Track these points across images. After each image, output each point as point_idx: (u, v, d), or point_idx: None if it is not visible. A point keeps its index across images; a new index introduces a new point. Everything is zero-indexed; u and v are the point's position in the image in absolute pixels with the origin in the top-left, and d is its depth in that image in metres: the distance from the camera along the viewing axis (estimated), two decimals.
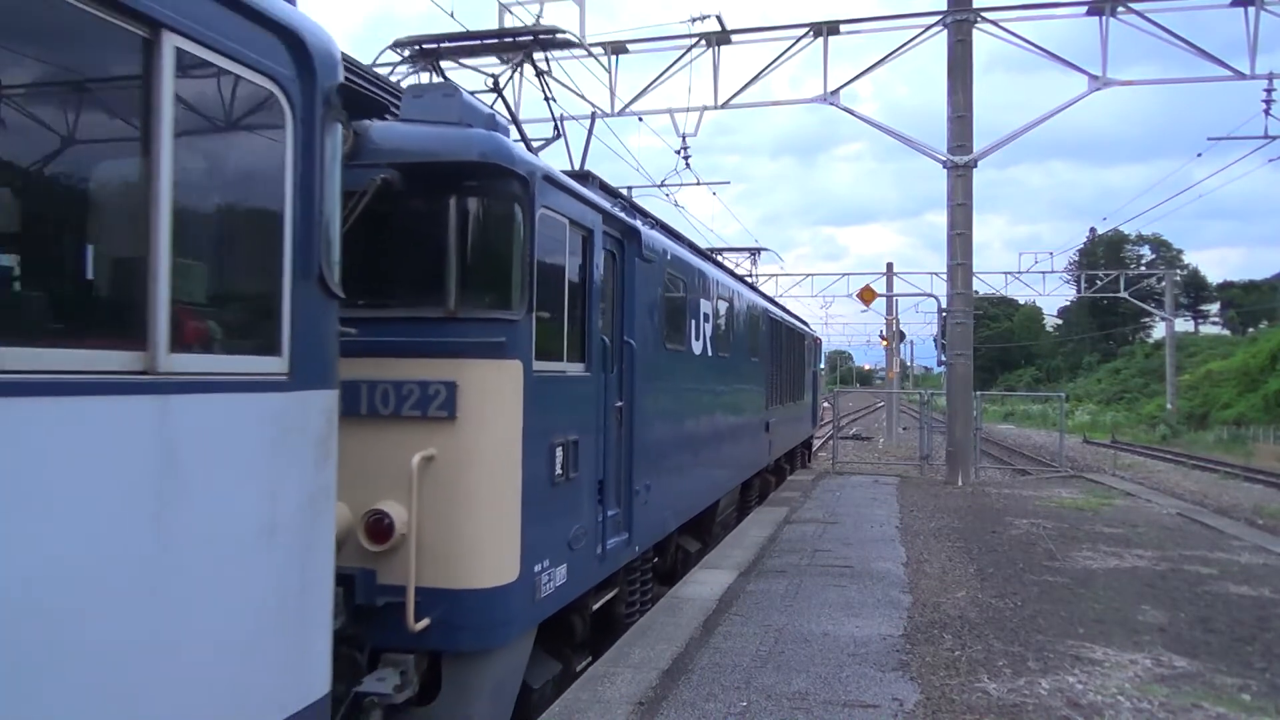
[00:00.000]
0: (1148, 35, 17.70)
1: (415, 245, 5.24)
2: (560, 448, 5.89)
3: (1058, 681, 6.03)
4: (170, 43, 2.72)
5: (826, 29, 18.72)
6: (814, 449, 26.61)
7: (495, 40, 7.41)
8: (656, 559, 8.92)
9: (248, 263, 3.35)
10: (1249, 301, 72.23)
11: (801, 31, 18.91)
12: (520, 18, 17.37)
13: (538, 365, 5.48)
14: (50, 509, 2.35)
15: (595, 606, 6.96)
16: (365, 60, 6.54)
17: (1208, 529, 12.92)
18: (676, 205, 22.71)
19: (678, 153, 20.73)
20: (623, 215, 7.35)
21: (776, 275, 44.40)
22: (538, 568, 5.51)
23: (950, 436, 18.78)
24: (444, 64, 7.52)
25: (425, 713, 5.05)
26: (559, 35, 7.32)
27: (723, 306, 11.45)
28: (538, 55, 7.47)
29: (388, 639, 4.72)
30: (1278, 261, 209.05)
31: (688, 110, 19.63)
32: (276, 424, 3.25)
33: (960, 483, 18.09)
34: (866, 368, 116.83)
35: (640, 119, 19.83)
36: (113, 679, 2.52)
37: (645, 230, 7.84)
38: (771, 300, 18.81)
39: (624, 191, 8.65)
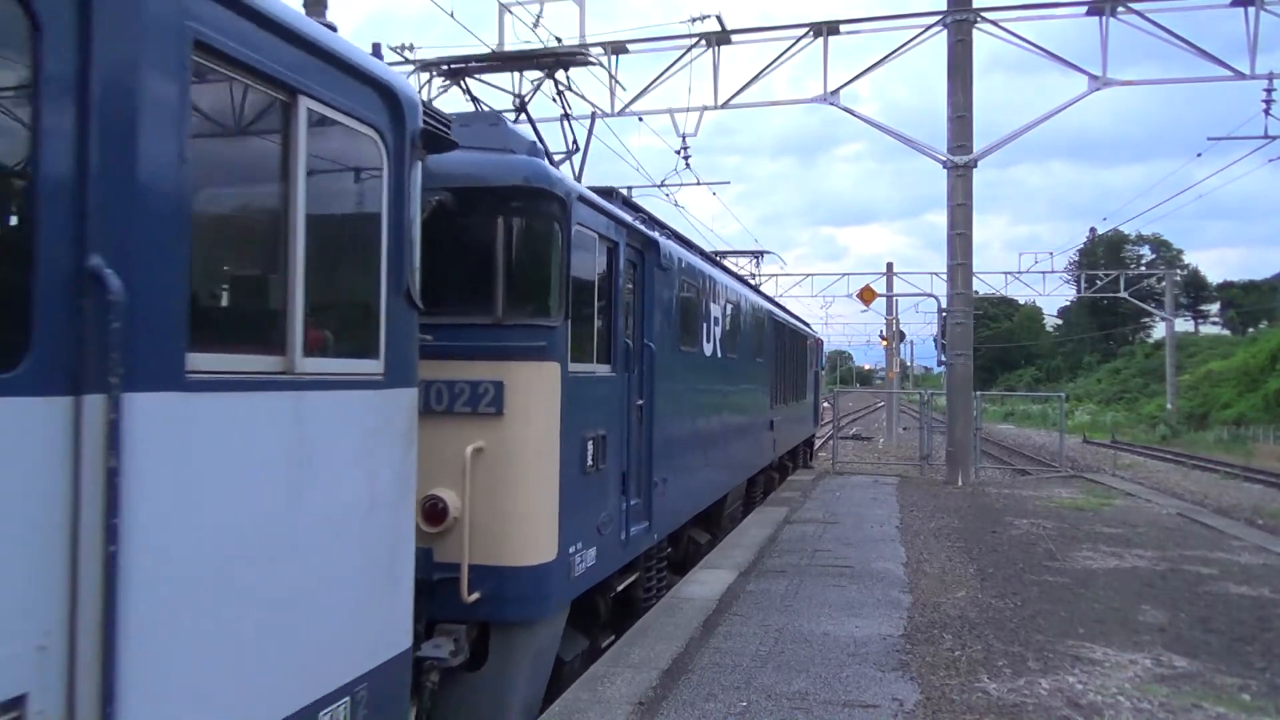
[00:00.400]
0: (1148, 35, 17.71)
1: (466, 259, 5.79)
2: (591, 441, 6.52)
3: (1058, 681, 6.03)
4: (304, 104, 3.38)
5: (826, 29, 18.72)
6: (814, 448, 26.86)
7: (519, 60, 8.09)
8: (670, 549, 9.40)
9: (355, 281, 3.96)
10: (1249, 301, 72.22)
11: (801, 31, 18.91)
12: (520, 17, 17.40)
13: (572, 366, 6.11)
14: (226, 480, 2.98)
15: (619, 588, 7.60)
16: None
17: (1208, 529, 12.92)
18: (676, 205, 22.72)
19: (678, 153, 20.74)
20: (642, 227, 7.94)
21: (777, 275, 44.41)
22: (572, 549, 6.14)
23: (950, 436, 18.78)
24: (466, 80, 8.04)
25: (475, 677, 5.62)
26: (579, 55, 7.97)
27: (730, 310, 11.98)
28: (559, 74, 8.01)
29: (442, 610, 5.16)
30: (1278, 261, 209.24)
31: (688, 110, 19.64)
32: (375, 416, 3.90)
33: (960, 483, 18.09)
34: (866, 368, 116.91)
35: (640, 119, 19.85)
36: (267, 614, 3.20)
37: (662, 241, 8.44)
38: (775, 302, 19.20)
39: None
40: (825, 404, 33.14)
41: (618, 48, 19.39)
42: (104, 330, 2.50)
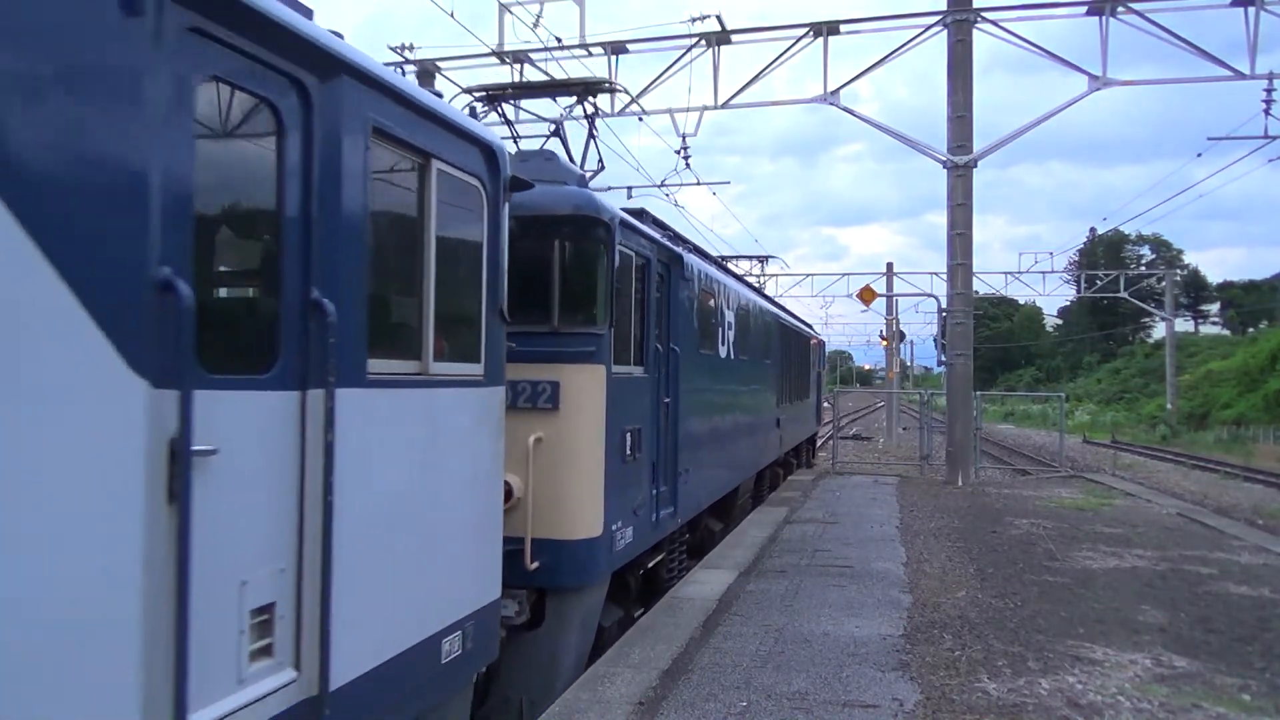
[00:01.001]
0: (1148, 35, 17.69)
1: (528, 277, 6.46)
2: (629, 434, 7.48)
3: (1058, 681, 6.03)
4: (435, 165, 4.40)
5: (826, 29, 18.71)
6: (817, 445, 27.23)
7: (553, 88, 9.02)
8: (689, 535, 10.33)
9: (465, 302, 4.87)
10: (1249, 301, 72.20)
11: (801, 31, 18.90)
12: (520, 17, 17.41)
13: (615, 369, 7.06)
14: (389, 452, 4.01)
15: (649, 565, 8.60)
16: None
17: (1208, 529, 12.92)
18: (676, 205, 22.71)
19: (678, 153, 20.73)
20: (669, 244, 8.93)
21: (777, 275, 44.40)
22: (614, 527, 7.10)
23: (950, 436, 18.78)
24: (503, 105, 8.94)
25: (533, 635, 6.54)
26: (605, 84, 8.96)
27: (742, 315, 12.91)
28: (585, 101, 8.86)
29: (507, 577, 5.66)
30: (1278, 261, 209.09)
31: (688, 110, 19.63)
32: (478, 408, 4.93)
33: (960, 483, 18.08)
34: (866, 368, 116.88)
35: (640, 119, 19.83)
36: (415, 555, 4.23)
37: (685, 255, 9.45)
38: (780, 306, 20.06)
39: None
40: (825, 404, 33.20)
41: (618, 48, 19.38)
42: (323, 344, 3.49)
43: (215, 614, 3.00)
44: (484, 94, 8.42)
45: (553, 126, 8.78)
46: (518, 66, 19.09)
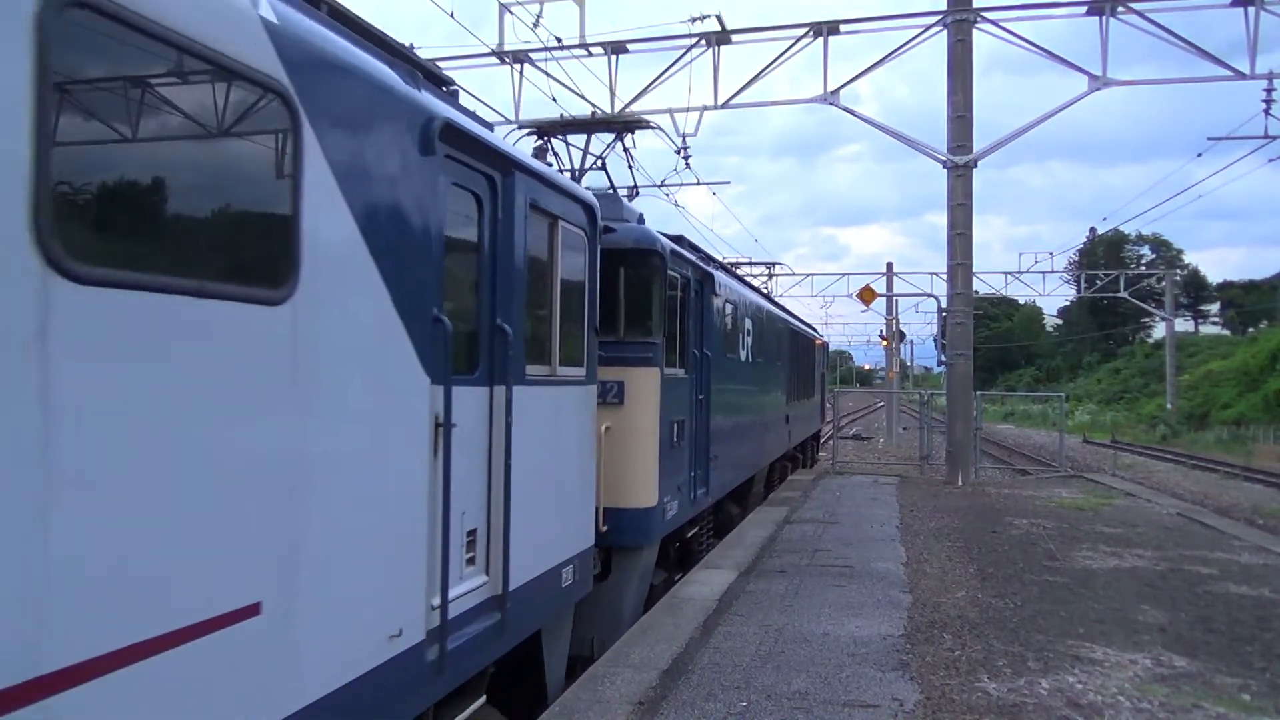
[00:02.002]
0: (1148, 35, 17.67)
1: (600, 297, 7.50)
2: (675, 424, 9.10)
3: (1058, 681, 6.03)
4: (560, 225, 6.09)
5: (826, 29, 18.70)
6: (820, 441, 28.09)
7: (596, 125, 10.39)
8: (714, 515, 11.92)
9: (575, 322, 6.46)
10: (1249, 301, 72.14)
11: (801, 31, 18.88)
12: (520, 17, 17.41)
13: (665, 371, 8.71)
14: (536, 430, 5.57)
15: (688, 536, 10.37)
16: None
17: (1208, 529, 12.91)
18: (676, 205, 22.67)
19: (678, 153, 20.68)
20: (702, 264, 10.67)
21: (778, 275, 44.37)
22: (665, 500, 8.71)
23: (950, 436, 18.77)
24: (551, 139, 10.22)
25: (602, 585, 7.92)
26: (643, 122, 10.58)
27: (758, 322, 14.60)
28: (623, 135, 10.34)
29: None
30: (1278, 261, 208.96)
31: (688, 110, 19.58)
32: (582, 400, 6.60)
33: (960, 483, 18.08)
34: (866, 368, 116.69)
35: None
36: (552, 503, 5.98)
37: (716, 273, 11.27)
38: (788, 311, 21.62)
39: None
40: (826, 403, 33.29)
41: (618, 48, 19.38)
42: (505, 356, 5.11)
43: (454, 531, 4.51)
44: (536, 129, 9.73)
45: (599, 161, 10.23)
46: (518, 66, 19.08)
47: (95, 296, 2.46)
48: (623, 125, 10.14)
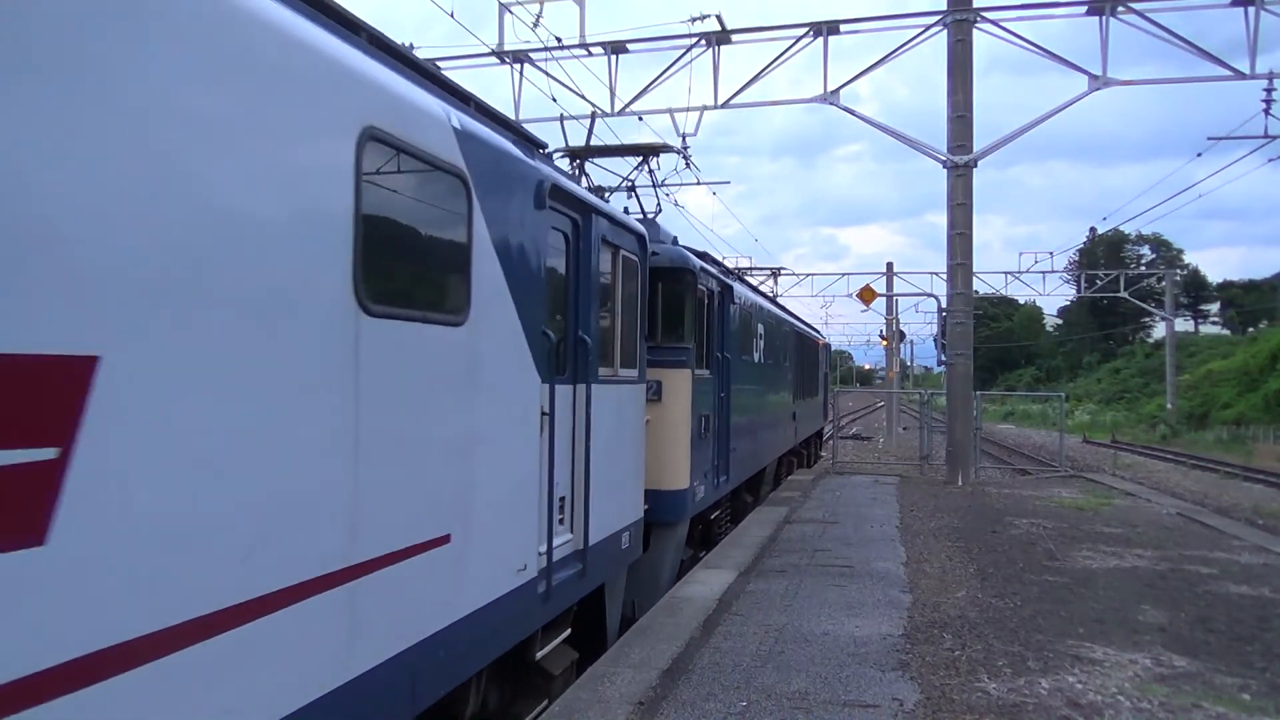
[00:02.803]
0: (1148, 35, 17.67)
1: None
2: (702, 418, 10.40)
3: (1058, 681, 6.03)
4: (621, 253, 7.49)
5: (826, 29, 18.69)
6: (824, 438, 28.72)
7: (626, 150, 11.49)
8: (730, 502, 13.27)
9: (632, 330, 7.85)
10: (1249, 301, 72.12)
11: (801, 31, 18.88)
12: (520, 17, 17.41)
13: (695, 372, 9.98)
14: (604, 418, 6.84)
15: (711, 518, 11.78)
16: None
17: (1208, 529, 12.91)
18: (677, 205, 22.64)
19: (678, 152, 20.68)
20: (723, 277, 12.11)
21: (778, 275, 44.32)
22: (694, 483, 10.03)
23: (950, 436, 18.76)
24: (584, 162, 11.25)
25: (643, 556, 8.79)
26: (669, 148, 11.72)
27: (769, 327, 16.02)
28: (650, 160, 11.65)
29: None
30: (1278, 261, 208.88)
31: (688, 110, 19.58)
32: (636, 396, 7.99)
33: (960, 483, 18.07)
34: (866, 367, 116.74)
35: (640, 119, 19.82)
36: (615, 478, 7.27)
37: (735, 285, 12.78)
38: (793, 315, 22.65)
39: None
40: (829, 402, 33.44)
41: (618, 47, 19.37)
42: (585, 360, 6.43)
43: (555, 496, 5.89)
44: (571, 153, 10.66)
45: (629, 183, 11.60)
46: (517, 66, 19.07)
47: (380, 324, 3.85)
48: (649, 150, 11.39)
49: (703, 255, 11.31)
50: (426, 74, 4.73)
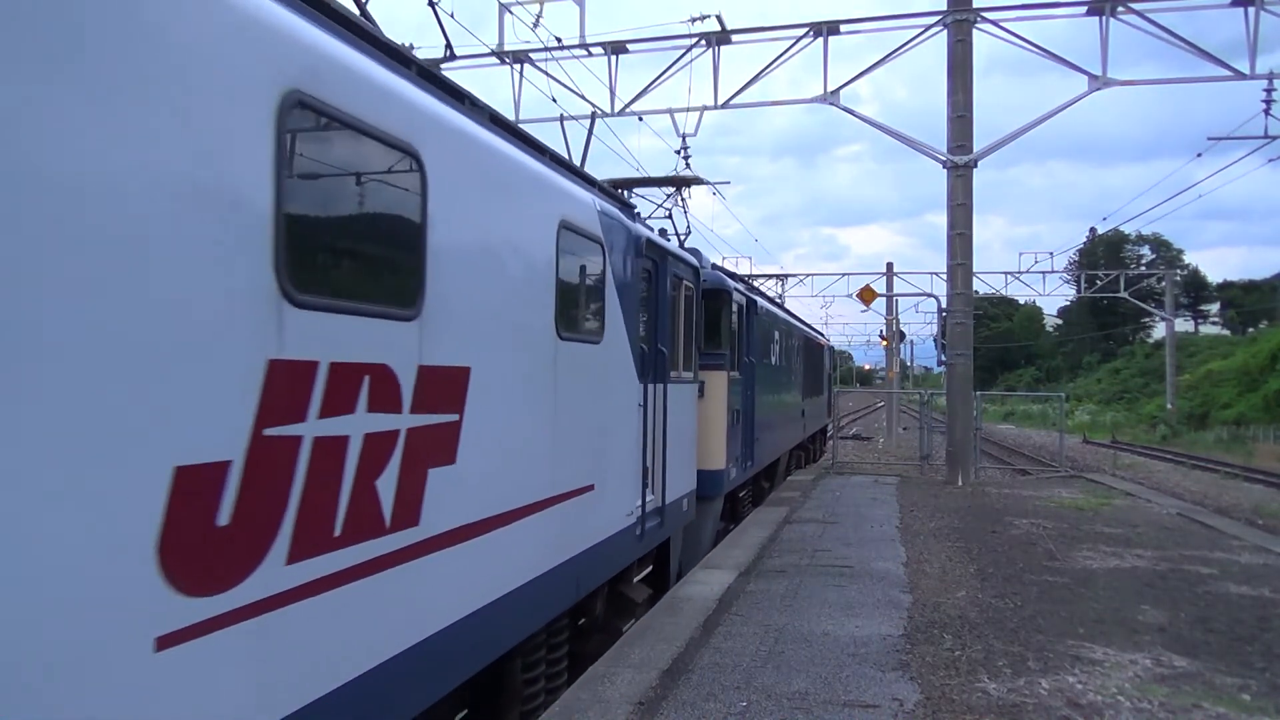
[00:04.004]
0: (1148, 35, 17.68)
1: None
2: (734, 412, 12.60)
3: (1058, 681, 6.03)
4: (684, 284, 9.62)
5: (826, 29, 18.70)
6: (827, 435, 29.24)
7: (659, 182, 13.15)
8: (752, 486, 15.42)
9: (689, 343, 9.79)
10: (1249, 301, 72.09)
11: (801, 31, 18.89)
12: (520, 17, 17.42)
13: (730, 373, 12.27)
14: (677, 410, 9.25)
15: (739, 495, 14.05)
16: None
17: (1208, 529, 12.91)
18: (677, 204, 22.66)
19: (678, 153, 20.69)
20: (748, 292, 14.57)
21: (778, 275, 44.38)
22: (729, 464, 12.11)
23: (950, 436, 18.76)
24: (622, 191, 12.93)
25: (688, 525, 10.36)
26: (699, 179, 13.80)
27: (782, 333, 18.27)
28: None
29: None
30: (1278, 261, 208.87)
31: (688, 110, 19.60)
32: (691, 393, 10.12)
33: (960, 483, 18.07)
34: (866, 368, 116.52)
35: (640, 119, 19.81)
36: (681, 454, 9.63)
37: (758, 299, 15.35)
38: (801, 320, 24.64)
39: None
40: (832, 400, 33.76)
41: (618, 48, 19.37)
42: (663, 366, 8.58)
43: (645, 465, 7.92)
44: (615, 185, 11.84)
45: (666, 211, 13.42)
46: (517, 66, 19.07)
47: (565, 345, 6.04)
48: (682, 181, 13.49)
49: (731, 274, 14.05)
50: (575, 170, 6.90)
